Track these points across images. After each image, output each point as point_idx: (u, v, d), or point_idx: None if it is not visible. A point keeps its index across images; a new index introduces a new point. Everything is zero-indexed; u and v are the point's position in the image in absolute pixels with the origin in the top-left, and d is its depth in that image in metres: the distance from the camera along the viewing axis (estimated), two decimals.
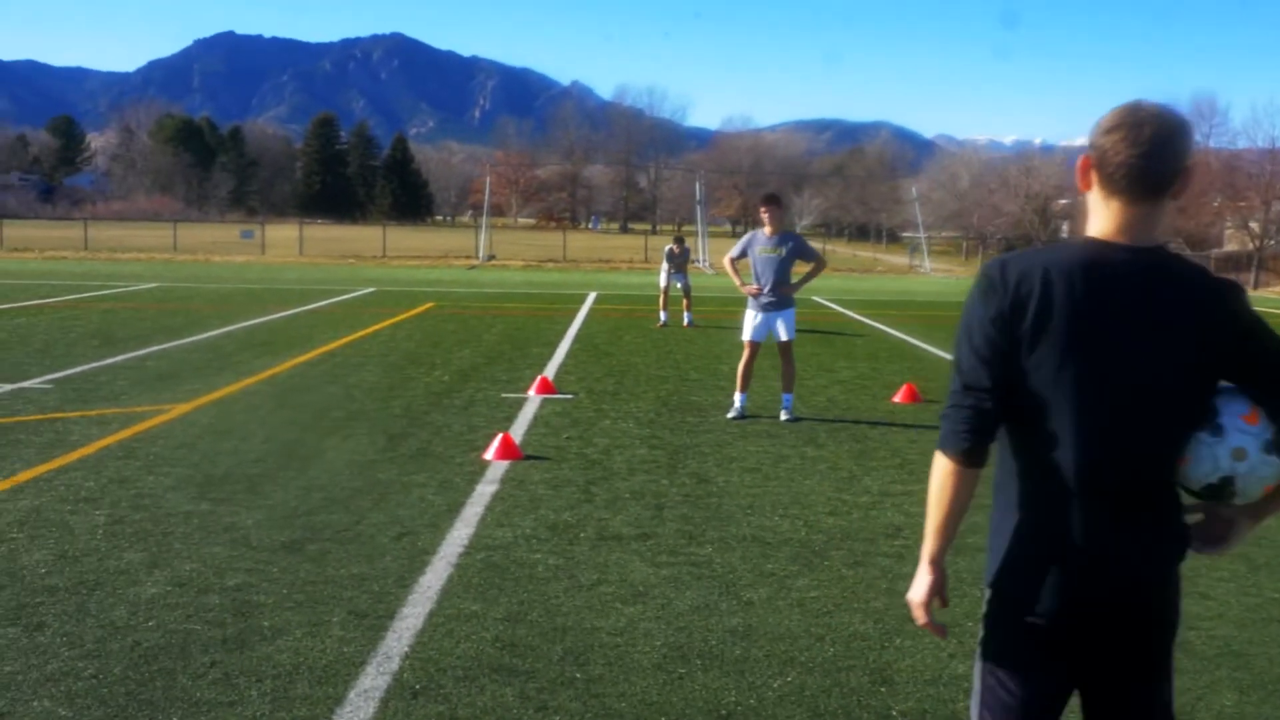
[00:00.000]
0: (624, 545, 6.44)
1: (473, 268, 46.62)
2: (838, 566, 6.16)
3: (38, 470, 7.91)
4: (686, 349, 16.81)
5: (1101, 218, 2.43)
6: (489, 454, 8.68)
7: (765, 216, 10.75)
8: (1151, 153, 2.35)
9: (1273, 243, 57.39)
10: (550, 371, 13.68)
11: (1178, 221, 59.01)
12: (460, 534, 6.59)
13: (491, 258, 52.99)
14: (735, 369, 14.03)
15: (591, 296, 28.61)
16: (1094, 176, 2.43)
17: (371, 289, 29.51)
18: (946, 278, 51.36)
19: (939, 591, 2.53)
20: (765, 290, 10.64)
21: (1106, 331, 2.37)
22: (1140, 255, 2.40)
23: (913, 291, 36.67)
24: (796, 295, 10.91)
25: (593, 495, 7.62)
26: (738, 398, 10.89)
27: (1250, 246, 58.22)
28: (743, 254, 10.93)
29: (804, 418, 10.82)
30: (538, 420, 10.44)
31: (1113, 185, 2.40)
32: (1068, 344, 2.37)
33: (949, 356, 16.29)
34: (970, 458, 2.43)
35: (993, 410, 2.42)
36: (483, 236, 56.28)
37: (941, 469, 2.47)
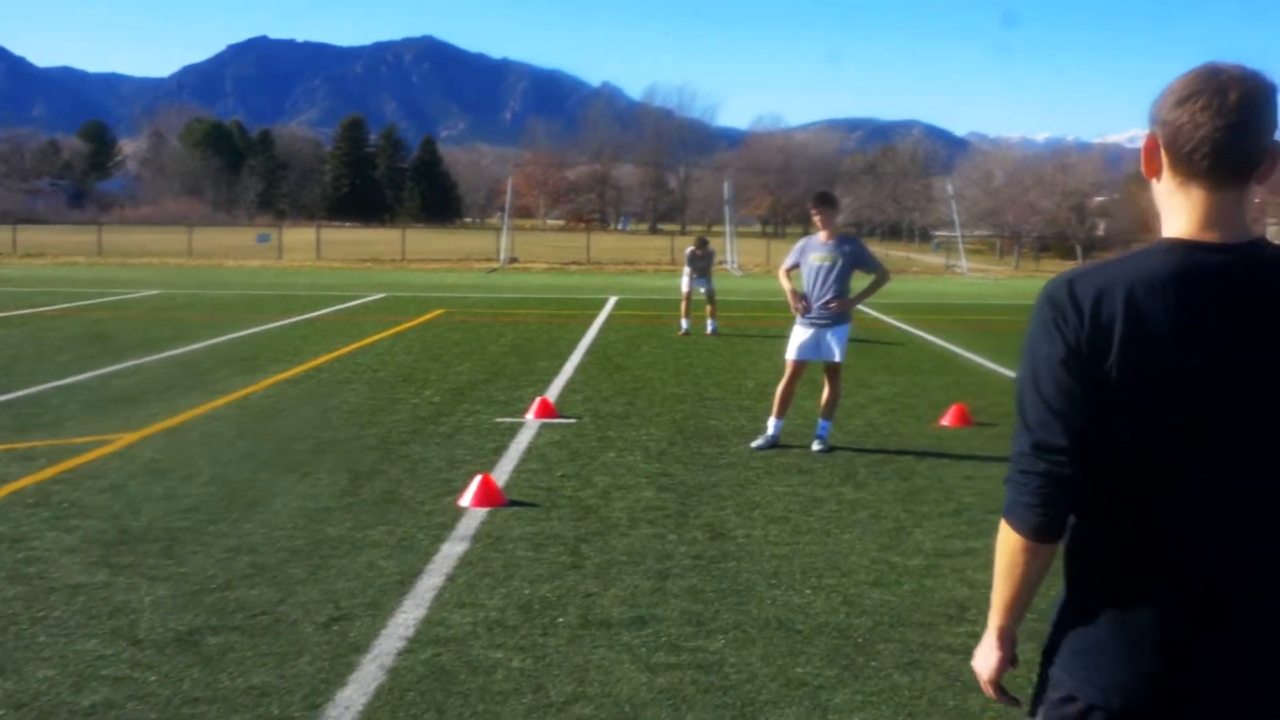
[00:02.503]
0: (612, 636, 5.04)
1: (492, 271, 45.29)
2: (888, 669, 4.73)
3: None
4: (708, 361, 15.37)
5: (1181, 211, 1.94)
6: (465, 499, 7.31)
7: (817, 219, 9.34)
8: (1240, 124, 1.86)
9: None
10: (554, 391, 12.27)
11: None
12: (407, 619, 5.21)
13: (514, 260, 51.64)
14: (760, 386, 12.68)
15: (611, 301, 27.18)
16: (1165, 159, 1.95)
17: (382, 294, 28.20)
18: (984, 278, 49.63)
19: (1011, 662, 2.13)
20: (815, 305, 9.23)
21: (1219, 358, 1.86)
22: (1240, 254, 1.91)
23: (951, 294, 35.03)
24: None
25: (582, 558, 6.22)
26: (771, 423, 9.45)
27: None
28: (796, 263, 9.52)
29: (840, 446, 9.38)
30: (531, 452, 9.05)
31: (1191, 168, 1.91)
32: (1170, 380, 1.86)
33: (998, 368, 14.90)
34: (1043, 534, 1.97)
35: (1072, 476, 1.92)
36: (504, 238, 54.84)
37: (1010, 543, 2.00)
